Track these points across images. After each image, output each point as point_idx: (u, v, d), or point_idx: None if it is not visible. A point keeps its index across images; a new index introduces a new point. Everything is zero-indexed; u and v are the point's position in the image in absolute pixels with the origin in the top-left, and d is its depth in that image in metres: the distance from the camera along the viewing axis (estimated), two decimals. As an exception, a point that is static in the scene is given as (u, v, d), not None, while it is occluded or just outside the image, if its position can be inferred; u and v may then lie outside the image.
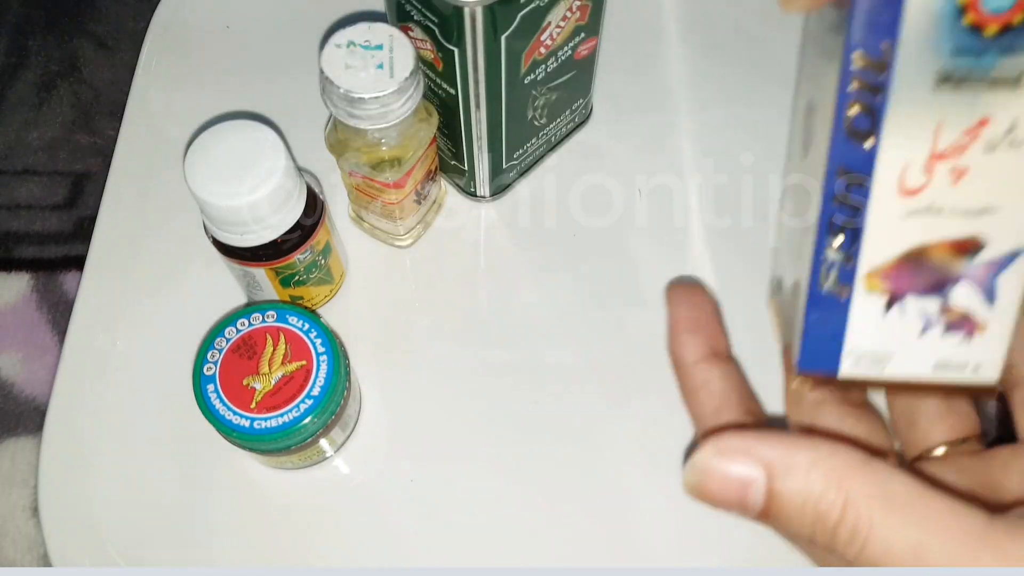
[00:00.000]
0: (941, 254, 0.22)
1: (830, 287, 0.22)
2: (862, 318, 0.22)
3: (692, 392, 0.25)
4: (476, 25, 0.31)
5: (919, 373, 0.23)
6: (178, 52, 0.49)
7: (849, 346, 0.23)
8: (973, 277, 0.22)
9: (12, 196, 0.52)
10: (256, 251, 0.34)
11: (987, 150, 0.21)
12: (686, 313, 0.26)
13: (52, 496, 0.37)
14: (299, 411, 0.32)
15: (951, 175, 0.21)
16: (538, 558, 0.36)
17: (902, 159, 0.21)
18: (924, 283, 0.22)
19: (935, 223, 0.22)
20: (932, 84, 0.21)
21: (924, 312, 0.22)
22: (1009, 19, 0.20)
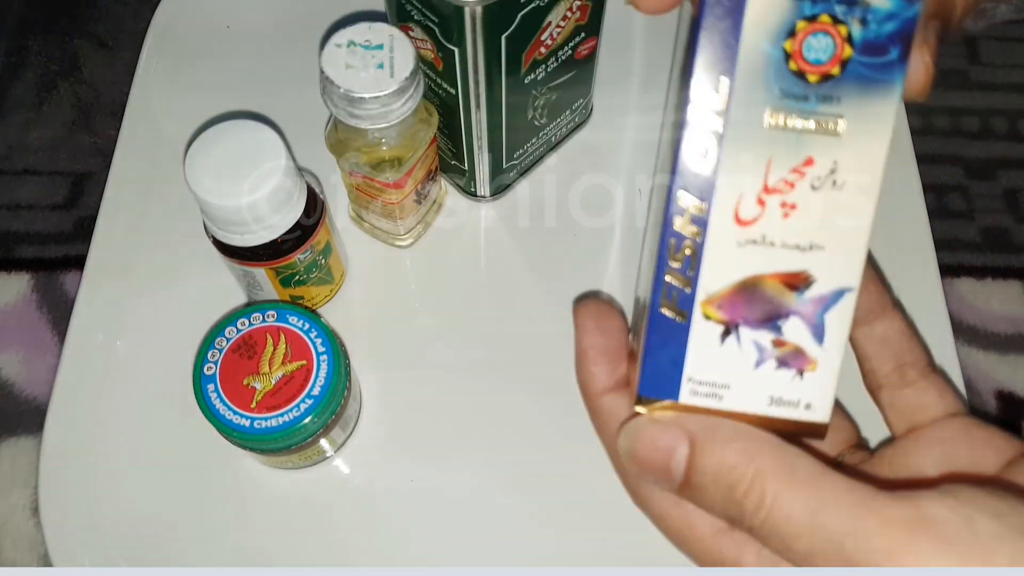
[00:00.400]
0: (774, 286, 0.23)
1: (670, 311, 0.23)
2: (700, 346, 0.23)
3: (602, 423, 0.26)
4: (476, 25, 0.31)
5: (755, 407, 0.23)
6: (178, 52, 0.49)
7: (688, 373, 0.23)
8: (803, 313, 0.23)
9: (12, 196, 0.52)
10: (256, 251, 0.34)
11: (813, 189, 0.22)
12: (595, 341, 0.25)
13: (52, 496, 0.37)
14: (299, 411, 0.32)
15: (781, 209, 0.22)
16: (538, 558, 0.36)
17: (738, 190, 0.22)
18: (758, 314, 0.23)
19: (767, 255, 0.23)
20: (764, 121, 0.22)
21: (758, 344, 0.23)
22: (828, 70, 0.21)
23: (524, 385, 0.39)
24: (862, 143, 0.22)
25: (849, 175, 0.22)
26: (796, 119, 0.22)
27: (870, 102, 0.22)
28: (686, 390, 0.23)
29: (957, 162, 0.54)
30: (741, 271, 0.23)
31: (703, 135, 0.22)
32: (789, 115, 0.22)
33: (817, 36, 0.21)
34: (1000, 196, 0.52)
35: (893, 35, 0.21)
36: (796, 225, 0.22)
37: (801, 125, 0.22)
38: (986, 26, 0.65)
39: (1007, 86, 0.56)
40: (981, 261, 0.61)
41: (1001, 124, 0.55)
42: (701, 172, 0.22)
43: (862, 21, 0.21)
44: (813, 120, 0.22)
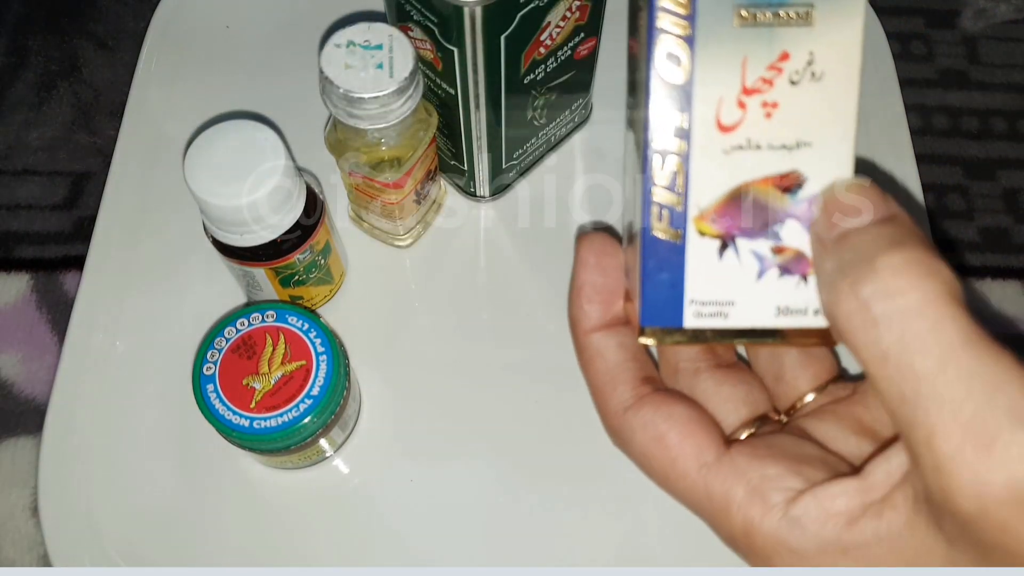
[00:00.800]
0: (765, 191, 0.22)
1: (663, 233, 0.22)
2: (698, 264, 0.22)
3: (587, 362, 0.25)
4: (476, 25, 0.31)
5: (763, 320, 0.22)
6: (178, 52, 0.49)
7: (690, 295, 0.22)
8: (799, 214, 0.22)
9: (12, 196, 0.52)
10: (256, 251, 0.34)
11: (792, 84, 0.21)
12: (590, 278, 0.24)
13: (52, 496, 0.37)
14: (299, 411, 0.32)
15: (763, 109, 0.21)
16: (538, 558, 0.36)
17: (716, 95, 0.21)
18: (753, 223, 0.22)
19: (755, 159, 0.22)
20: (733, 19, 0.21)
21: (757, 254, 0.22)
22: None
23: (524, 385, 0.39)
24: (836, 29, 0.21)
25: (827, 65, 0.21)
26: (766, 12, 0.21)
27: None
28: (690, 312, 0.22)
29: (957, 162, 0.54)
30: (731, 180, 0.22)
31: (673, 41, 0.21)
32: (758, 10, 0.21)
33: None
34: (1000, 196, 0.52)
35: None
36: (780, 124, 0.22)
37: (771, 19, 0.21)
38: (986, 26, 0.65)
39: (1007, 86, 0.56)
40: (981, 261, 0.61)
41: (1001, 124, 0.55)
42: (676, 82, 0.21)
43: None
44: (783, 11, 0.21)
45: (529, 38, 0.34)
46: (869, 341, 0.18)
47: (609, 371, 0.24)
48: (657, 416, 0.22)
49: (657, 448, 0.22)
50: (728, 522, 0.21)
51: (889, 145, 0.46)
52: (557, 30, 0.35)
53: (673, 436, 0.22)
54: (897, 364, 0.17)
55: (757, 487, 0.21)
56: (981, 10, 0.63)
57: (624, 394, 0.23)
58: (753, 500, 0.20)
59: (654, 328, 0.22)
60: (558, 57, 0.37)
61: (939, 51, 0.62)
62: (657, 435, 0.22)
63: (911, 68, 0.66)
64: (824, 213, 0.21)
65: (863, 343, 0.18)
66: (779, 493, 0.20)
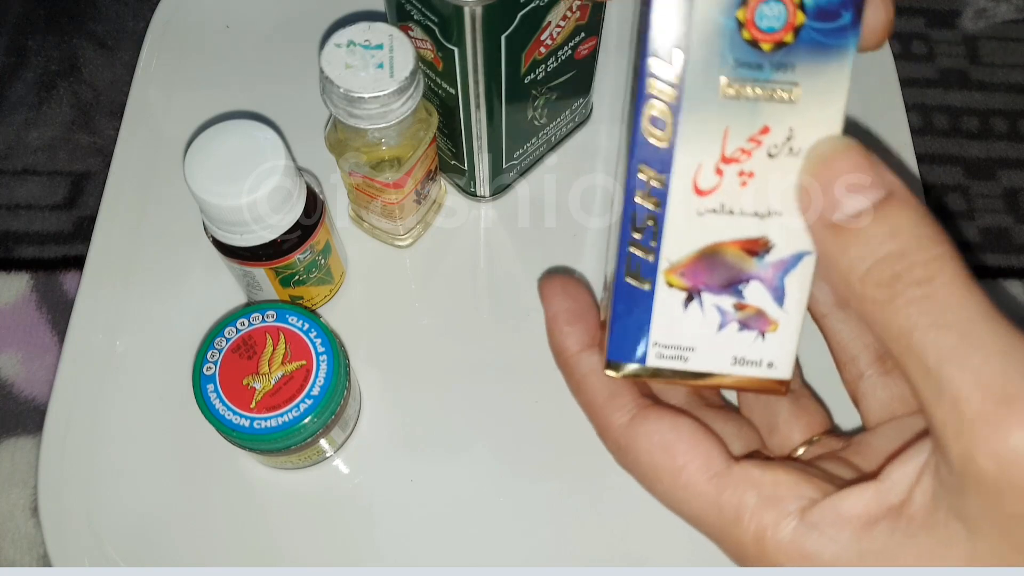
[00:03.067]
0: (734, 253, 0.23)
1: (634, 280, 0.24)
2: (664, 311, 0.24)
3: (580, 382, 0.25)
4: (476, 25, 0.31)
5: (719, 368, 0.24)
6: (178, 52, 0.49)
7: (654, 338, 0.24)
8: (763, 277, 0.23)
9: (12, 196, 0.52)
10: (256, 251, 0.34)
11: (769, 156, 0.23)
12: (564, 305, 0.25)
13: (52, 496, 0.37)
14: (299, 411, 0.32)
15: (739, 178, 0.23)
16: (538, 558, 0.36)
17: (696, 161, 0.23)
18: (719, 280, 0.24)
19: (727, 223, 0.23)
20: (719, 91, 0.22)
21: (720, 308, 0.24)
22: (781, 38, 0.22)
23: (524, 385, 0.39)
24: (817, 109, 0.22)
25: (806, 141, 0.22)
26: (751, 88, 0.22)
27: (824, 68, 0.22)
28: (652, 354, 0.24)
29: (957, 162, 0.54)
30: (702, 240, 0.23)
31: (659, 108, 0.22)
32: (744, 85, 0.22)
33: (769, 4, 0.21)
34: (1000, 196, 0.52)
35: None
36: (754, 193, 0.23)
37: (756, 94, 0.22)
38: (986, 26, 0.65)
39: (1007, 86, 0.56)
40: (981, 261, 0.61)
41: (1001, 124, 0.55)
42: (659, 145, 0.23)
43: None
44: (768, 89, 0.22)
45: (529, 38, 0.34)
46: (892, 318, 0.19)
47: (607, 386, 0.24)
48: (663, 425, 0.23)
49: (664, 457, 0.22)
50: (738, 531, 0.21)
51: (890, 145, 0.46)
52: (558, 30, 0.35)
53: (681, 445, 0.22)
54: (922, 338, 0.18)
55: (771, 495, 0.21)
56: (982, 10, 0.63)
57: (626, 405, 0.24)
58: (766, 507, 0.20)
59: (618, 362, 0.24)
60: (558, 57, 0.37)
61: (940, 51, 0.62)
62: (664, 444, 0.22)
63: (912, 68, 0.66)
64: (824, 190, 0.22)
65: (886, 320, 0.19)
66: (794, 501, 0.20)
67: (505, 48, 0.33)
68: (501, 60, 0.34)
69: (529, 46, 0.34)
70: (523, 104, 0.38)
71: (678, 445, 0.22)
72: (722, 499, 0.21)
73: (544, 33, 0.34)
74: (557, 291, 0.26)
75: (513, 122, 0.38)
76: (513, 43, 0.33)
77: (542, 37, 0.34)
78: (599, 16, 0.37)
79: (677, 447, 0.22)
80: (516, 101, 0.37)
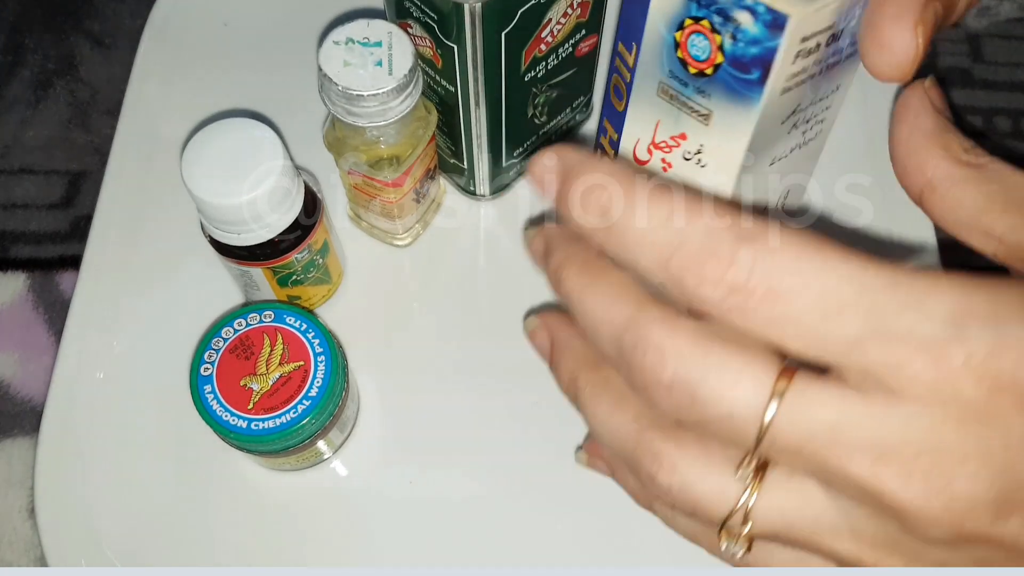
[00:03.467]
0: None
1: None
2: None
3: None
4: (476, 22, 0.31)
5: None
6: (175, 50, 0.49)
7: None
8: None
9: (8, 195, 0.52)
10: (253, 250, 0.34)
11: (684, 159, 0.26)
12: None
13: (49, 497, 0.37)
14: (297, 412, 0.31)
15: (662, 163, 0.27)
16: (538, 558, 0.36)
17: (636, 135, 0.27)
18: None
19: None
20: (656, 89, 0.26)
21: None
22: (703, 68, 0.24)
23: (524, 385, 0.39)
24: (724, 141, 0.25)
25: (711, 161, 0.26)
26: (677, 99, 0.25)
27: (734, 108, 0.24)
28: None
29: (959, 161, 0.54)
30: None
31: (620, 82, 0.26)
32: (673, 93, 0.25)
33: (698, 36, 0.24)
34: (1003, 195, 0.52)
35: (756, 59, 0.23)
36: (671, 179, 0.27)
37: (680, 105, 0.25)
38: (989, 24, 0.65)
39: (1010, 85, 0.56)
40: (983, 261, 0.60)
41: (1004, 123, 0.55)
42: (618, 109, 0.26)
43: (733, 37, 0.23)
44: (688, 105, 0.25)
45: (530, 35, 0.34)
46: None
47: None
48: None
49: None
50: None
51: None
52: (558, 27, 0.35)
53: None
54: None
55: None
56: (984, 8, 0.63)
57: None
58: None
59: None
60: (559, 55, 0.37)
61: (942, 49, 0.61)
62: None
63: (913, 66, 0.65)
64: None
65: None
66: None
67: (505, 46, 0.33)
68: (501, 58, 0.33)
69: (529, 44, 0.34)
70: (523, 102, 0.38)
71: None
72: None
73: (544, 30, 0.34)
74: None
75: (513, 120, 0.38)
76: (513, 41, 0.33)
77: (542, 35, 0.34)
78: (600, 14, 0.37)
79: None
80: (516, 99, 0.37)
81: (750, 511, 0.20)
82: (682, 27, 0.24)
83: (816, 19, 0.22)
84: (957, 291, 0.17)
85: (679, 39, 0.24)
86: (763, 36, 0.22)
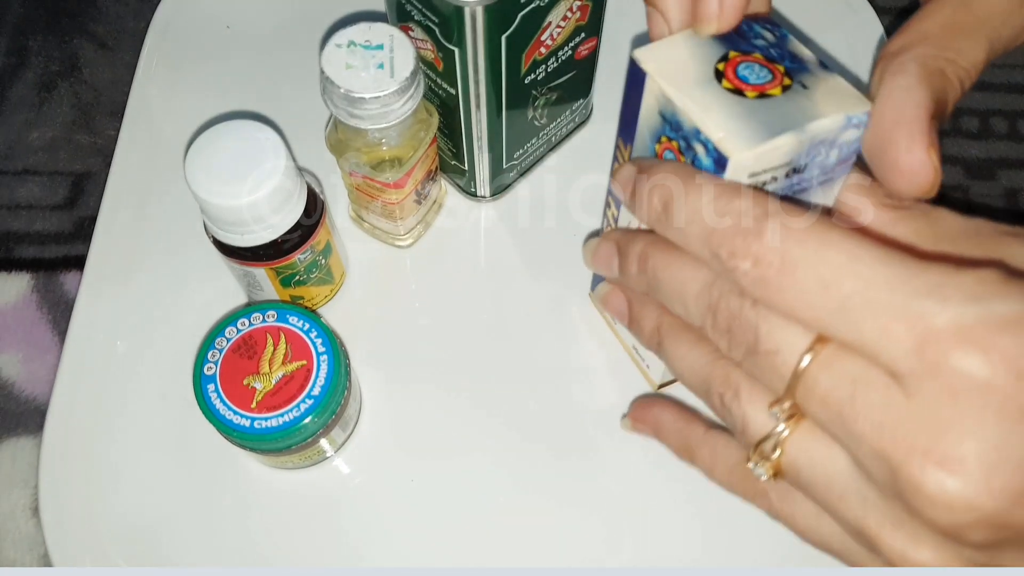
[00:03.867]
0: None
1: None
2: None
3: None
4: (477, 25, 0.31)
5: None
6: (178, 52, 0.49)
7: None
8: None
9: (12, 196, 0.52)
10: (256, 251, 0.34)
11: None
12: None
13: (52, 496, 0.37)
14: (299, 411, 0.32)
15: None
16: (538, 558, 0.36)
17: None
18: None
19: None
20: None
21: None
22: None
23: (524, 385, 0.39)
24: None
25: None
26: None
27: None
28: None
29: (957, 162, 0.54)
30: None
31: (621, 155, 0.30)
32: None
33: (669, 153, 0.27)
34: (1000, 196, 0.52)
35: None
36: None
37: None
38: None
39: (1008, 86, 0.56)
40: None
41: (1001, 124, 0.55)
42: (617, 196, 0.29)
43: (692, 162, 0.25)
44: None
45: (530, 38, 0.34)
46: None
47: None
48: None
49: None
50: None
51: None
52: (558, 30, 0.35)
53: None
54: None
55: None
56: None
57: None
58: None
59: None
60: (559, 57, 0.37)
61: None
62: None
63: (911, 68, 0.65)
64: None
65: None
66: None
67: (505, 48, 0.33)
68: (501, 60, 0.34)
69: (529, 46, 0.34)
70: (523, 104, 0.38)
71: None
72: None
73: (544, 33, 0.34)
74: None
75: (513, 122, 0.38)
76: (513, 43, 0.33)
77: (542, 37, 0.34)
78: (599, 17, 0.37)
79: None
80: (516, 101, 0.37)
81: (782, 442, 0.23)
82: (659, 141, 0.27)
83: (763, 159, 0.23)
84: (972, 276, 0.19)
85: (657, 150, 0.27)
86: (712, 168, 0.24)
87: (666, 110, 0.25)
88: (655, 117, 0.26)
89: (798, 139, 0.23)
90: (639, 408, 0.34)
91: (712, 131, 0.24)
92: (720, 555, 0.36)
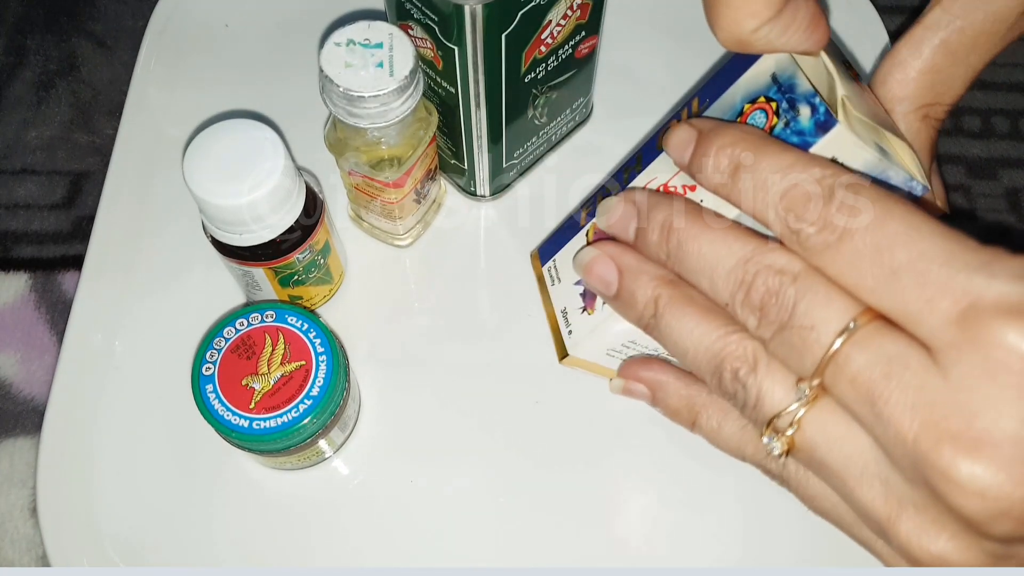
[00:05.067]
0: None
1: (581, 216, 0.33)
2: (570, 247, 0.32)
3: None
4: (476, 23, 0.31)
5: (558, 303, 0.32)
6: (177, 51, 0.49)
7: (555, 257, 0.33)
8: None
9: (10, 196, 0.52)
10: (255, 250, 0.34)
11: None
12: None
13: (51, 496, 0.37)
14: (298, 411, 0.32)
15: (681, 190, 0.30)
16: (538, 558, 0.36)
17: (655, 174, 0.29)
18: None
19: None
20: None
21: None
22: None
23: (524, 385, 0.39)
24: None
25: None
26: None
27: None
28: (549, 265, 0.33)
29: (958, 161, 0.54)
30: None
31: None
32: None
33: (760, 113, 0.27)
34: (1002, 195, 0.52)
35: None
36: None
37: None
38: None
39: (1009, 85, 0.56)
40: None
41: (1003, 124, 0.55)
42: (655, 148, 0.29)
43: (787, 123, 0.25)
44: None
45: (530, 37, 0.34)
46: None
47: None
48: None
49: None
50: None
51: None
52: (558, 28, 0.35)
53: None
54: None
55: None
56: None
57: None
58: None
59: (540, 257, 0.34)
60: (559, 56, 0.37)
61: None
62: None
63: (912, 67, 0.65)
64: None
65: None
66: None
67: (505, 47, 0.33)
68: (501, 59, 0.33)
69: (529, 45, 0.34)
70: (523, 103, 0.38)
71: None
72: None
73: (545, 32, 0.34)
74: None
75: (513, 121, 0.38)
76: (513, 42, 0.33)
77: (543, 36, 0.34)
78: (599, 15, 0.37)
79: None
80: (516, 100, 0.37)
81: (799, 419, 0.23)
82: (754, 101, 0.26)
83: (850, 149, 0.24)
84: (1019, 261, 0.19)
85: (746, 109, 0.27)
86: (809, 131, 0.25)
87: (784, 72, 0.26)
88: (763, 78, 0.26)
89: (881, 162, 0.25)
90: (633, 368, 0.32)
91: (839, 89, 0.25)
92: (720, 555, 0.36)
